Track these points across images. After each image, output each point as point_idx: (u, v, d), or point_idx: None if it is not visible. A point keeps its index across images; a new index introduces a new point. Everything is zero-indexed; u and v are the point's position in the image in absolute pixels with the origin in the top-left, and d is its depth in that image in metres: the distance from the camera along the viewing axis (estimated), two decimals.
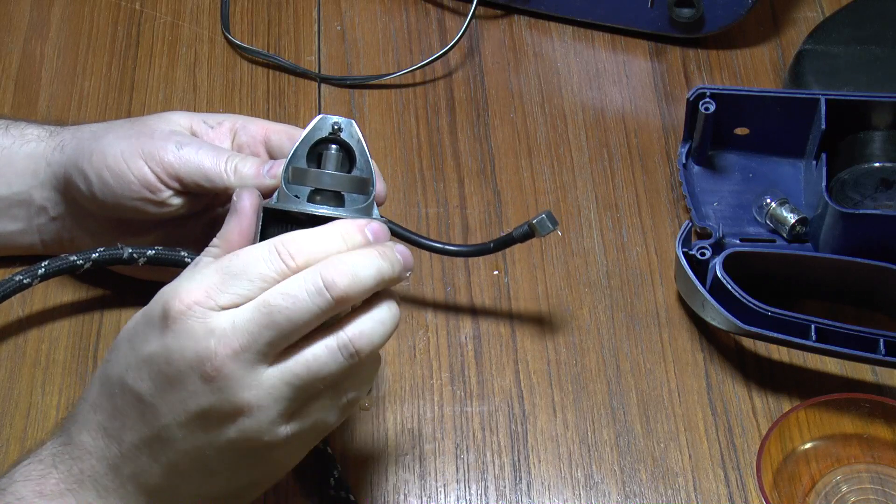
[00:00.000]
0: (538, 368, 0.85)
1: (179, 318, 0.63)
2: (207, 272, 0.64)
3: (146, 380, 0.64)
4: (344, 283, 0.64)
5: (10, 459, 0.79)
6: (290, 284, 0.63)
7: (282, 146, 0.79)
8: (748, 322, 0.80)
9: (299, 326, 0.63)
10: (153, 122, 0.80)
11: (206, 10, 1.05)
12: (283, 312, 0.63)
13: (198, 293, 0.63)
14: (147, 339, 0.64)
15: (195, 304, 0.63)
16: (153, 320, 0.64)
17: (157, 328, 0.64)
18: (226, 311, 0.63)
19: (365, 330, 0.65)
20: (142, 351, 0.64)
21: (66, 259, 0.78)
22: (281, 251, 0.64)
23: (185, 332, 0.63)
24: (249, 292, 0.64)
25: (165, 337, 0.63)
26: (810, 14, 1.04)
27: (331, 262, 0.64)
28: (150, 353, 0.64)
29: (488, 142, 0.96)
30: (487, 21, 1.04)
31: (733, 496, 0.79)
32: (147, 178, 0.77)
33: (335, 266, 0.64)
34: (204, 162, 0.76)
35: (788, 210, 0.88)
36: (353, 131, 0.72)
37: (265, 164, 0.76)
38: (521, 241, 0.82)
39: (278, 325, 0.63)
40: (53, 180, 0.82)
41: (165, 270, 0.84)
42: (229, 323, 0.63)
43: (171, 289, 0.65)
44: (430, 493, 0.79)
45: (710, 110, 0.88)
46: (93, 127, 0.82)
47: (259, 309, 0.63)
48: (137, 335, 0.65)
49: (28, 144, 0.83)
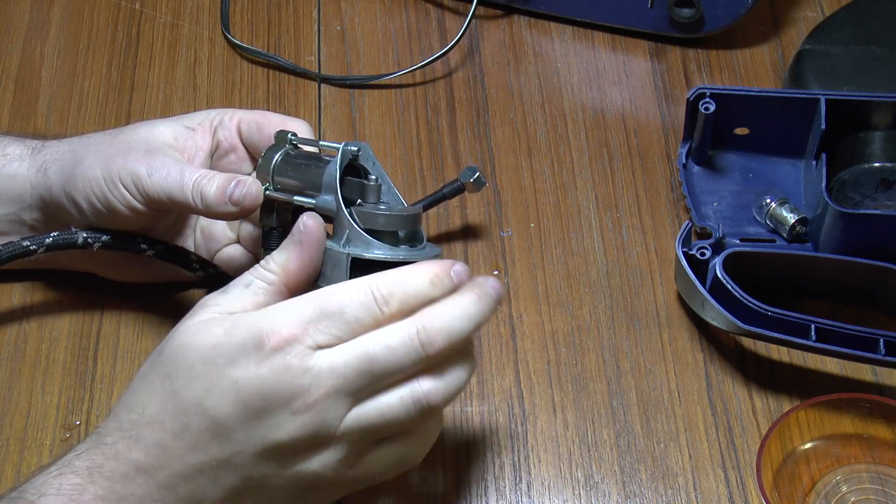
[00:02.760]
0: (538, 368, 0.85)
1: (277, 352, 0.63)
2: (303, 307, 0.65)
3: (229, 405, 0.64)
4: (441, 341, 0.65)
5: (10, 460, 0.79)
6: (390, 337, 0.64)
7: (251, 136, 0.80)
8: (748, 322, 0.80)
9: (391, 377, 0.64)
10: (132, 137, 0.79)
11: (206, 10, 1.05)
12: (380, 363, 0.64)
13: (295, 328, 0.64)
14: (236, 363, 0.64)
15: (293, 339, 0.64)
16: (244, 346, 0.64)
17: (249, 356, 0.64)
18: (323, 352, 0.64)
19: (440, 387, 0.66)
20: (228, 375, 0.64)
21: (18, 244, 0.79)
22: (377, 297, 0.65)
23: (283, 367, 0.63)
24: (344, 334, 0.64)
25: (260, 368, 0.64)
26: (810, 14, 1.04)
27: (428, 316, 0.65)
28: (239, 379, 0.64)
29: (488, 142, 0.96)
30: (487, 21, 1.04)
31: (733, 496, 0.79)
32: (132, 205, 0.77)
33: (433, 322, 0.65)
34: (172, 190, 0.76)
35: (788, 210, 0.88)
36: (368, 154, 0.74)
37: (230, 182, 0.75)
38: (451, 196, 0.88)
39: (374, 374, 0.64)
40: (40, 202, 0.81)
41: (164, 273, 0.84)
42: (327, 364, 0.64)
43: (264, 316, 0.65)
44: (431, 492, 0.79)
45: (710, 110, 0.88)
46: (72, 144, 0.81)
47: (358, 356, 0.64)
48: (220, 359, 0.64)
49: (10, 165, 0.82)
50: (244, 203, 0.74)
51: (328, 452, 0.65)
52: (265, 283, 0.68)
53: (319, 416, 0.64)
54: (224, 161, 0.81)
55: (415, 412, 0.65)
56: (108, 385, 0.83)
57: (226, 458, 0.65)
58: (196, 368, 0.65)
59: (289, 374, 0.63)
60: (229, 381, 0.64)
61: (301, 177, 0.74)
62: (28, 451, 0.80)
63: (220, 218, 0.77)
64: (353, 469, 0.66)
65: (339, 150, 0.72)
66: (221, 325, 0.65)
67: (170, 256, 0.82)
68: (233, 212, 0.75)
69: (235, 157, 0.81)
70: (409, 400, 0.65)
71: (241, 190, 0.74)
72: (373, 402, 0.65)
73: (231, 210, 0.75)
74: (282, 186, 0.75)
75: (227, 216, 0.76)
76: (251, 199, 0.74)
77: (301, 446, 0.65)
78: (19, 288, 0.87)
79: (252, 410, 0.64)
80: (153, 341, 0.85)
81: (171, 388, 0.65)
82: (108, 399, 0.82)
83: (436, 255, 0.73)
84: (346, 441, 0.65)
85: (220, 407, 0.64)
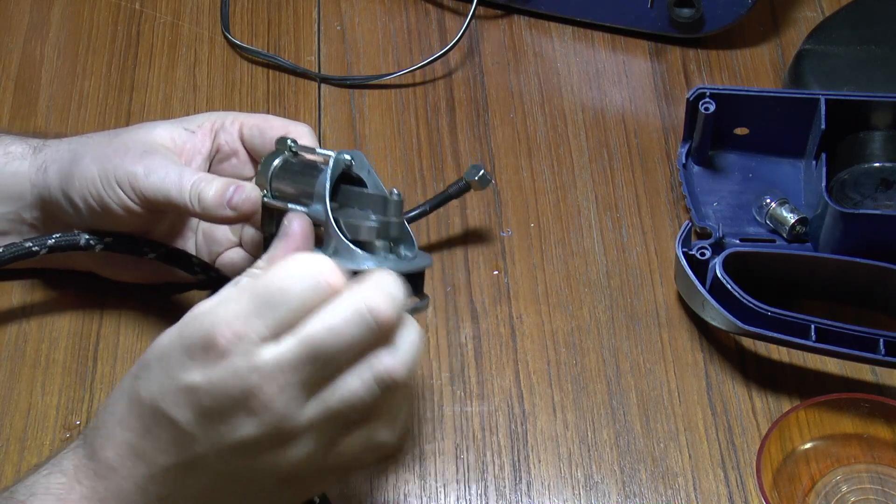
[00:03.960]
0: (538, 368, 0.85)
1: (223, 353, 0.62)
2: (243, 298, 0.63)
3: (184, 408, 0.63)
4: (388, 308, 0.62)
5: (10, 460, 0.79)
6: (333, 317, 0.62)
7: (252, 140, 0.80)
8: (748, 322, 0.80)
9: (342, 359, 0.63)
10: (130, 138, 0.79)
11: (206, 10, 1.05)
12: (328, 347, 0.62)
13: (238, 324, 0.62)
14: (185, 367, 0.63)
15: (237, 337, 0.62)
16: (192, 349, 0.63)
17: (197, 359, 0.62)
18: (267, 347, 0.62)
19: (398, 357, 0.64)
20: (180, 379, 0.63)
21: (21, 246, 0.79)
22: (320, 281, 0.63)
23: (230, 368, 0.62)
24: (286, 322, 0.62)
25: (207, 370, 0.62)
26: (810, 14, 1.04)
27: (367, 289, 0.63)
28: (190, 383, 0.63)
29: (488, 142, 0.96)
30: (487, 21, 1.04)
31: (733, 496, 0.79)
32: (127, 205, 0.77)
33: (373, 294, 0.63)
34: (170, 191, 0.76)
35: (788, 210, 0.88)
36: (363, 162, 0.73)
37: (229, 187, 0.75)
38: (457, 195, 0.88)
39: (323, 360, 0.62)
40: (39, 201, 0.81)
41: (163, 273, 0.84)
42: (273, 358, 0.62)
43: (209, 315, 0.63)
44: (430, 493, 0.79)
45: (710, 110, 0.88)
46: (72, 144, 0.81)
47: (304, 344, 0.62)
48: (173, 360, 0.63)
49: (12, 163, 0.82)
50: (242, 208, 0.74)
51: (297, 445, 0.64)
52: (249, 279, 0.67)
53: (277, 412, 0.62)
54: (225, 165, 0.81)
55: (377, 390, 0.63)
56: (108, 385, 0.83)
57: (192, 460, 0.64)
58: (153, 370, 0.64)
59: (237, 375, 0.62)
60: (183, 387, 0.63)
61: (297, 184, 0.74)
62: (28, 451, 0.80)
63: (217, 222, 0.77)
64: (329, 458, 0.65)
65: (332, 159, 0.72)
66: (178, 325, 0.64)
67: (171, 260, 0.82)
68: (230, 216, 0.75)
69: (237, 161, 0.81)
70: (371, 378, 0.63)
71: (241, 195, 0.74)
72: (332, 388, 0.63)
73: (228, 214, 0.75)
74: (279, 193, 0.74)
75: (224, 220, 0.76)
76: (250, 204, 0.74)
77: (266, 443, 0.63)
78: (19, 288, 0.87)
79: (208, 414, 0.63)
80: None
81: (134, 388, 0.65)
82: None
83: (426, 265, 0.72)
84: (314, 432, 0.63)
85: (176, 410, 0.63)
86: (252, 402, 0.62)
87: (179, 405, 0.63)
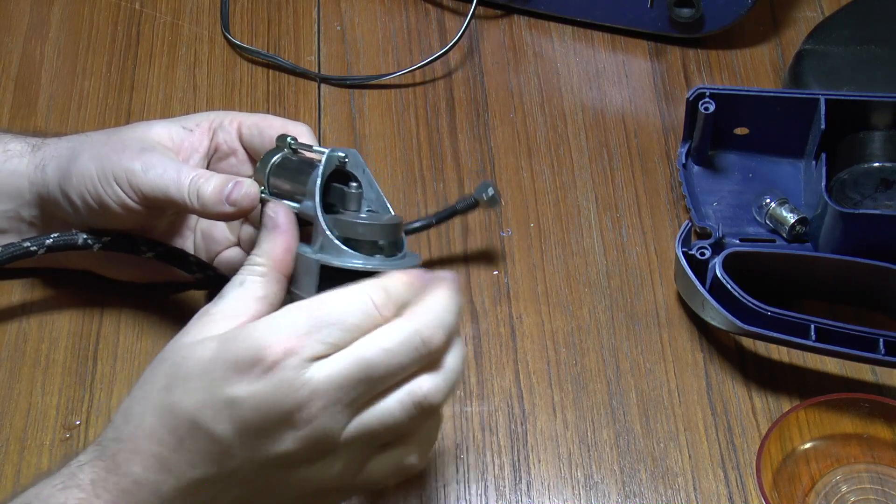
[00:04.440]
0: (538, 368, 0.85)
1: (274, 367, 0.62)
2: (298, 317, 0.63)
3: (226, 422, 0.63)
4: (440, 336, 0.64)
5: (10, 460, 0.79)
6: (387, 340, 0.63)
7: (251, 140, 0.80)
8: (748, 322, 0.80)
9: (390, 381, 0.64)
10: (128, 135, 0.79)
11: (206, 10, 1.05)
12: (380, 368, 0.63)
13: (291, 341, 0.62)
14: (231, 382, 0.62)
15: (289, 353, 0.62)
16: (239, 363, 0.62)
17: (246, 373, 0.62)
18: (319, 363, 0.62)
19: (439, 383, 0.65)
20: (224, 393, 0.63)
21: (19, 246, 0.79)
22: (377, 303, 0.64)
23: (280, 384, 0.62)
24: (340, 342, 0.63)
25: (257, 385, 0.62)
26: (810, 14, 1.04)
27: (421, 313, 0.64)
28: (234, 396, 0.62)
29: (488, 142, 0.96)
30: (487, 21, 1.04)
31: (733, 496, 0.79)
32: (124, 202, 0.77)
33: (427, 318, 0.64)
34: (168, 187, 0.75)
35: (788, 210, 0.88)
36: (357, 161, 0.73)
37: (228, 182, 0.75)
38: (464, 212, 0.87)
39: (372, 380, 0.63)
40: (38, 199, 0.81)
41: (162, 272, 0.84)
42: (325, 376, 0.62)
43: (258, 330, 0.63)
44: (430, 493, 0.79)
45: (710, 110, 0.88)
46: (70, 142, 0.81)
47: (357, 364, 0.63)
48: (217, 373, 0.63)
49: (10, 161, 0.82)
50: (241, 204, 0.74)
51: (332, 461, 0.64)
52: (257, 276, 0.68)
53: (321, 427, 0.63)
54: (224, 164, 0.81)
55: (416, 414, 0.64)
56: (108, 385, 0.83)
57: (227, 474, 0.64)
58: (192, 383, 0.64)
59: (287, 389, 0.62)
60: (226, 400, 0.63)
61: (293, 181, 0.74)
62: (28, 451, 0.80)
63: (215, 218, 0.77)
64: (358, 476, 0.66)
65: (324, 155, 0.72)
66: (218, 338, 0.64)
67: (169, 259, 0.82)
68: (229, 212, 0.75)
69: (236, 160, 0.81)
70: (410, 403, 0.64)
71: (240, 191, 0.74)
72: (373, 409, 0.64)
73: (227, 210, 0.74)
74: (277, 190, 0.74)
75: (223, 217, 0.76)
76: (249, 200, 0.74)
77: (304, 457, 0.64)
78: (19, 287, 0.87)
79: (251, 428, 0.63)
80: (153, 341, 0.85)
81: (167, 401, 0.64)
82: (108, 399, 0.82)
83: (413, 264, 0.72)
84: (349, 449, 0.64)
85: (218, 425, 0.63)
86: (297, 417, 0.62)
87: (220, 418, 0.63)
